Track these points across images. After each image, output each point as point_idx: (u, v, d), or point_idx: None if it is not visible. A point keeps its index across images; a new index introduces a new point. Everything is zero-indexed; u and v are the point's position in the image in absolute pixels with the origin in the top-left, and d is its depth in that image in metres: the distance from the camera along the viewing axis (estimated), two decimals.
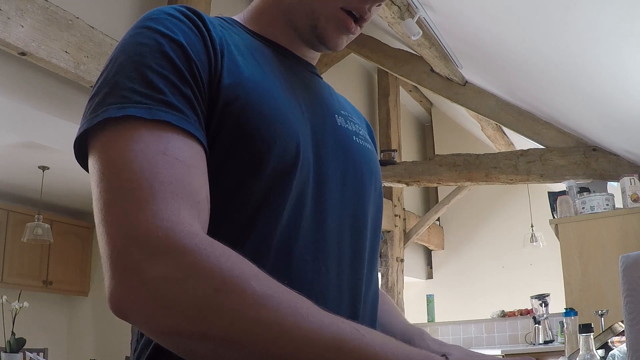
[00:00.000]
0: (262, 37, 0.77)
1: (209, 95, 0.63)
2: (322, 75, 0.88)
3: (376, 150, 0.92)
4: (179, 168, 0.56)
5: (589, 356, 1.46)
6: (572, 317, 2.24)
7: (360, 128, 0.83)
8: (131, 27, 0.65)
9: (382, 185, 0.93)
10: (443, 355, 0.56)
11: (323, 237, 0.68)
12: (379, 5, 0.74)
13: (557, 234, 3.57)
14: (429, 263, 7.11)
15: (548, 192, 4.22)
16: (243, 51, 0.70)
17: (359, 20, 0.75)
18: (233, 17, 0.80)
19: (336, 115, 0.78)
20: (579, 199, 3.57)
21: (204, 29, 0.65)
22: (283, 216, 0.65)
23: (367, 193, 0.77)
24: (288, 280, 0.64)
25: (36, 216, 4.66)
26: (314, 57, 0.84)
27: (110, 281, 0.52)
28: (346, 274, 0.70)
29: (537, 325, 4.93)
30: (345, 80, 5.53)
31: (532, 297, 4.99)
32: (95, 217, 0.56)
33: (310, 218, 0.67)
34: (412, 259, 6.57)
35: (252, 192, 0.64)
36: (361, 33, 4.01)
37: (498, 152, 4.38)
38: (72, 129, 2.62)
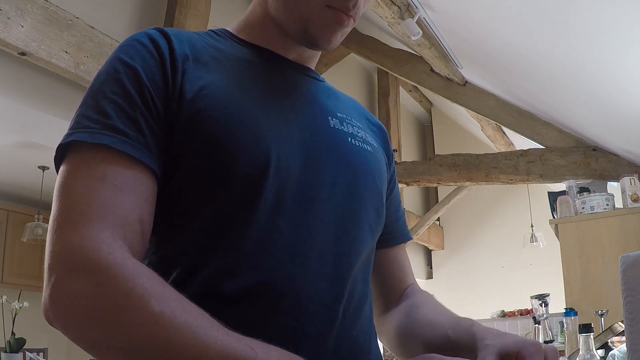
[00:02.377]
0: (252, 45, 0.78)
1: (170, 113, 0.67)
2: (322, 75, 0.87)
3: (388, 152, 0.90)
4: (112, 192, 0.61)
5: (589, 356, 1.46)
6: (572, 317, 2.24)
7: (359, 130, 0.81)
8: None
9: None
10: None
11: (304, 239, 0.69)
12: None
13: (557, 234, 3.57)
14: (429, 263, 7.11)
15: (548, 192, 4.22)
16: (221, 62, 0.73)
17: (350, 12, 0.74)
18: (226, 28, 0.81)
19: (330, 118, 0.78)
20: (579, 199, 3.57)
21: (166, 50, 0.70)
22: (256, 221, 0.66)
23: (362, 196, 0.76)
24: (261, 281, 0.65)
25: (36, 216, 4.66)
26: (311, 59, 0.83)
27: (43, 292, 0.59)
28: (328, 276, 0.70)
29: (537, 325, 4.91)
30: (345, 80, 5.53)
31: (532, 297, 4.96)
32: None
33: (291, 222, 0.68)
34: (412, 259, 6.57)
35: (223, 199, 0.66)
36: (361, 33, 4.01)
37: (498, 152, 4.38)
38: None
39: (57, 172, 0.66)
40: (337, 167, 0.74)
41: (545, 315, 4.81)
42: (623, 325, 1.28)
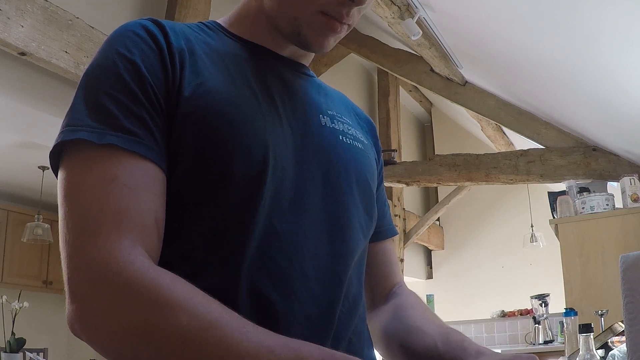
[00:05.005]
0: (245, 40, 0.77)
1: (170, 108, 0.65)
2: (321, 75, 0.87)
3: (377, 147, 0.90)
4: (126, 195, 0.60)
5: (589, 356, 1.46)
6: (572, 317, 2.24)
7: (349, 127, 0.81)
8: (102, 43, 0.69)
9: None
10: None
11: (300, 240, 0.68)
12: (361, 6, 0.71)
13: (557, 234, 3.57)
14: (429, 263, 7.11)
15: (548, 192, 4.22)
16: (214, 58, 0.71)
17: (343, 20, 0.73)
18: (217, 21, 0.80)
19: (321, 115, 0.78)
20: (578, 199, 3.58)
21: (163, 43, 0.67)
22: (256, 224, 0.66)
23: (353, 196, 0.76)
24: (262, 285, 0.65)
25: (36, 216, 4.67)
26: (305, 56, 0.82)
27: (67, 306, 0.58)
28: (325, 278, 0.70)
29: (537, 325, 4.93)
30: (345, 80, 5.53)
31: (532, 297, 4.99)
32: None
33: (286, 224, 0.68)
34: (412, 259, 6.57)
35: (222, 200, 0.65)
36: (361, 33, 4.01)
37: (498, 152, 4.38)
38: None
39: (53, 168, 0.65)
40: (329, 167, 0.74)
41: (545, 315, 4.83)
42: (623, 325, 1.28)
